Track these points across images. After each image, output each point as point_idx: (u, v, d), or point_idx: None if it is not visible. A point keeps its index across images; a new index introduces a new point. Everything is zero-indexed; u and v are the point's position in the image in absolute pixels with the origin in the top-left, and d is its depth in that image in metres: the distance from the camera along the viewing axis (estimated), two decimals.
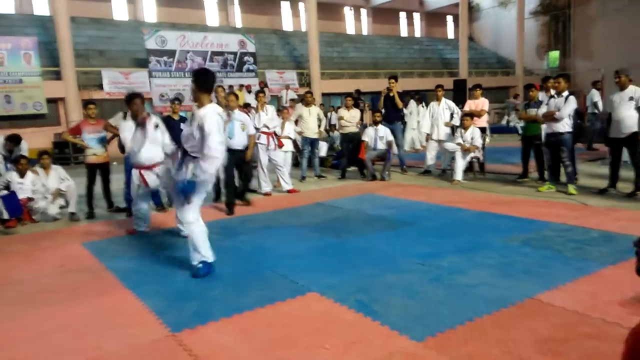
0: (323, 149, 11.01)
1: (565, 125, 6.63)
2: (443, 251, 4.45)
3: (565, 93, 6.67)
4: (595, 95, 11.57)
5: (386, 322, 3.06)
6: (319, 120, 9.18)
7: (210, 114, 3.95)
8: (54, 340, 3.07)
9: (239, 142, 6.77)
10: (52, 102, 15.65)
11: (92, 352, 2.89)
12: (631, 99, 6.35)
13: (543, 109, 6.91)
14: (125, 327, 3.21)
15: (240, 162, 6.87)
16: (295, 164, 10.56)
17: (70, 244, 5.48)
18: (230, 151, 6.41)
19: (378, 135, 8.80)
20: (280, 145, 8.07)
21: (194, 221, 4.08)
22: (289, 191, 7.99)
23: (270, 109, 8.02)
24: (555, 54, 28.18)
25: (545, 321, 2.98)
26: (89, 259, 4.83)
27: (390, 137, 8.89)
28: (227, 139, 6.31)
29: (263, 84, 16.70)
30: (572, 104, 6.61)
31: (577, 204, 6.15)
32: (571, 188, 6.70)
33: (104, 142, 6.91)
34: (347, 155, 9.40)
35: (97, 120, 6.98)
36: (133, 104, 5.44)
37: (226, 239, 5.31)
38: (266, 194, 7.87)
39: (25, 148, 7.30)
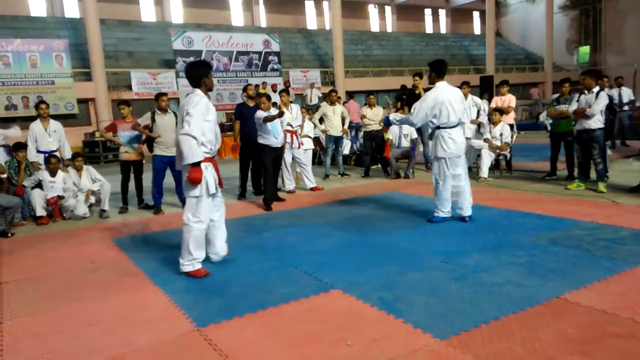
0: (346, 147, 11.00)
1: (597, 122, 6.49)
2: (468, 249, 4.42)
3: (596, 89, 6.53)
4: (615, 93, 11.18)
5: (410, 319, 3.06)
6: (343, 118, 9.17)
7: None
8: (85, 335, 3.17)
9: (281, 140, 7.02)
10: (82, 102, 16.06)
11: (121, 347, 2.97)
12: None
13: (573, 106, 6.77)
14: (153, 323, 3.29)
15: (276, 159, 7.06)
16: (319, 162, 10.59)
17: (101, 240, 5.63)
18: (272, 149, 6.82)
19: (402, 133, 8.75)
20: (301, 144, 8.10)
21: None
22: (312, 189, 8.02)
23: (295, 108, 8.06)
24: (585, 49, 27.47)
25: (572, 321, 2.93)
26: (118, 255, 4.96)
27: (415, 135, 8.83)
28: (272, 138, 6.77)
29: (288, 83, 16.80)
30: (604, 100, 6.46)
31: (607, 202, 6.00)
32: (601, 186, 6.55)
33: (137, 140, 7.06)
34: (370, 153, 9.37)
35: (133, 119, 7.15)
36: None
37: (250, 236, 5.37)
38: (290, 192, 7.92)
39: (60, 129, 7.45)
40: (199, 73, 4.09)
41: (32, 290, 4.08)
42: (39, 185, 6.75)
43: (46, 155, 7.11)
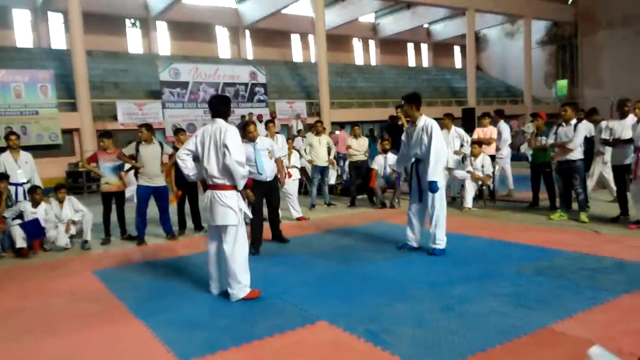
0: (332, 177, 11.04)
1: (577, 153, 6.63)
2: (453, 279, 4.42)
3: (574, 121, 6.70)
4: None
5: (397, 352, 3.03)
6: (329, 148, 9.24)
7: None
8: None
9: (270, 173, 6.14)
10: (67, 132, 15.95)
11: None
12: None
13: (551, 139, 6.94)
14: (134, 357, 3.21)
15: (270, 193, 6.28)
16: (305, 192, 10.60)
17: (82, 272, 5.51)
18: (258, 182, 5.90)
19: (387, 164, 8.83)
20: (289, 176, 8.09)
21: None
22: (298, 219, 8.00)
23: (281, 138, 8.11)
24: (563, 83, 28.33)
25: (559, 351, 2.93)
26: (99, 287, 4.85)
27: None
28: (256, 174, 5.86)
29: (274, 114, 16.95)
30: (583, 131, 6.64)
31: (589, 231, 6.08)
32: (583, 216, 6.64)
33: (118, 170, 7.01)
34: (356, 183, 9.42)
35: (115, 149, 7.10)
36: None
37: None
38: None
39: (31, 160, 7.28)
40: (227, 109, 4.36)
41: (11, 323, 3.96)
42: (21, 216, 6.63)
43: (17, 187, 7.00)
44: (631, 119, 6.51)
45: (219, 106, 4.30)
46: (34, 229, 6.45)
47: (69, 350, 3.37)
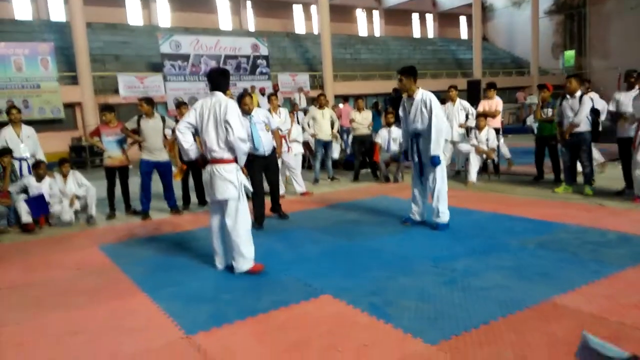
0: (335, 151, 10.99)
1: (583, 125, 6.56)
2: (457, 253, 4.43)
3: (578, 93, 6.60)
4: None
5: (400, 324, 3.06)
6: (332, 122, 9.17)
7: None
8: (70, 344, 3.12)
9: (268, 147, 6.00)
10: (69, 106, 15.89)
11: (107, 356, 2.93)
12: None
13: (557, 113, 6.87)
14: (140, 330, 3.25)
15: (268, 167, 6.12)
16: (308, 166, 10.58)
17: (87, 247, 5.56)
18: (256, 157, 5.77)
19: (391, 137, 8.77)
20: (289, 150, 8.03)
21: None
22: (302, 194, 8.00)
23: (283, 112, 8.04)
24: (570, 54, 27.84)
25: (560, 324, 2.95)
26: (105, 262, 4.89)
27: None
28: (253, 149, 5.61)
29: (277, 87, 16.80)
30: (588, 104, 6.54)
31: (594, 205, 6.06)
32: (588, 189, 6.62)
33: (121, 144, 6.99)
34: (359, 157, 9.39)
35: (118, 123, 7.07)
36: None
37: None
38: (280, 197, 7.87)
39: (33, 134, 7.23)
40: (226, 82, 4.34)
41: (17, 298, 4.02)
42: (25, 190, 6.66)
43: (21, 162, 7.00)
44: (636, 90, 6.40)
45: (218, 79, 4.26)
46: (38, 205, 6.47)
47: (75, 324, 3.41)
